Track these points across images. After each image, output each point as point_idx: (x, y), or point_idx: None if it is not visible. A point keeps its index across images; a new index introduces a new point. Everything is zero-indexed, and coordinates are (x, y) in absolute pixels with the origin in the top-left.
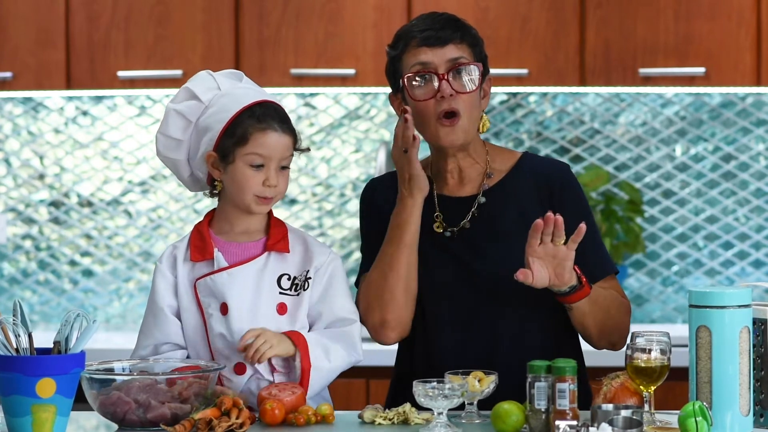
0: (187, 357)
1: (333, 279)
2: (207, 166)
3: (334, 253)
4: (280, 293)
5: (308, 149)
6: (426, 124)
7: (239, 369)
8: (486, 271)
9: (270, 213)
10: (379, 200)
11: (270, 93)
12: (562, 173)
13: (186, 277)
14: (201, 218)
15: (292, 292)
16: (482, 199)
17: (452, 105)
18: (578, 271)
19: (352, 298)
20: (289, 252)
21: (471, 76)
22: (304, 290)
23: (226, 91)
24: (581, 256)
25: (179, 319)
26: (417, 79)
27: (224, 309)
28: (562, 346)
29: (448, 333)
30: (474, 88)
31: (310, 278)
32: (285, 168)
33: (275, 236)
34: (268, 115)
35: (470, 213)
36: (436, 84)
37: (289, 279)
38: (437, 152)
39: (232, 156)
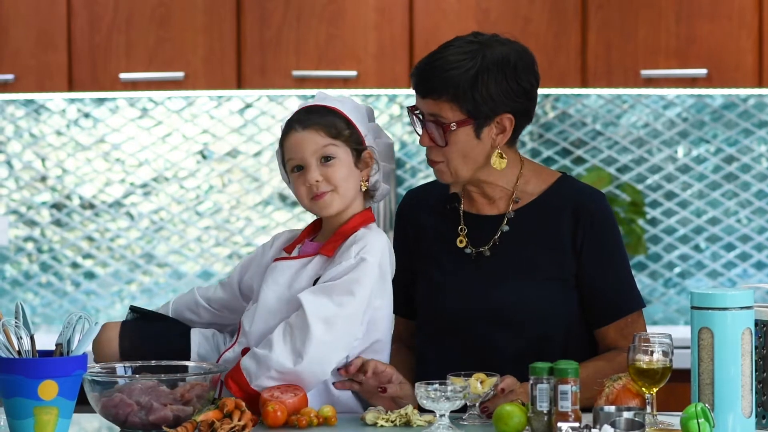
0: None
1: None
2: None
3: (356, 260)
4: None
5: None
6: None
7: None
8: (498, 296)
9: (358, 220)
10: (407, 214)
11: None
12: (591, 203)
13: (271, 258)
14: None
15: None
16: (506, 228)
17: (430, 154)
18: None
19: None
20: (330, 256)
21: (443, 132)
22: None
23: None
24: (605, 290)
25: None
26: (412, 116)
27: (257, 296)
28: None
29: (456, 352)
30: (443, 144)
31: None
32: (329, 159)
33: (333, 238)
34: (294, 118)
35: (492, 241)
36: (420, 129)
37: None
38: None
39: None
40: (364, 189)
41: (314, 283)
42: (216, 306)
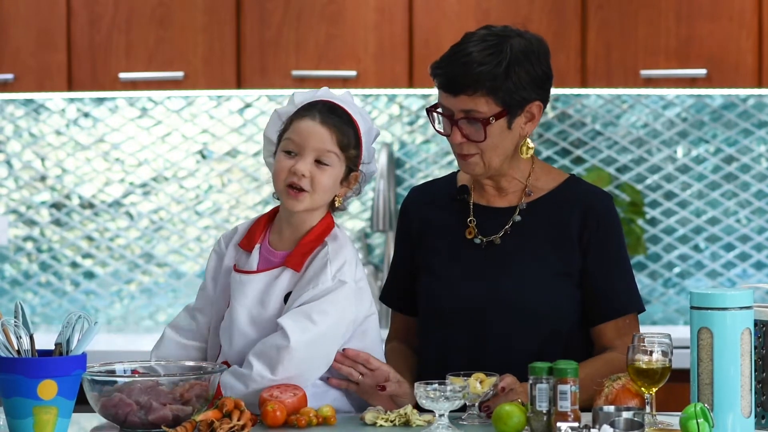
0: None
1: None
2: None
3: (335, 283)
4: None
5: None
6: (452, 151)
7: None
8: (507, 288)
9: (320, 228)
10: (412, 210)
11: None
12: (599, 204)
13: (231, 260)
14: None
15: None
16: (517, 218)
17: (463, 149)
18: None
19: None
20: (299, 271)
21: (481, 126)
22: None
23: (317, 94)
24: (606, 289)
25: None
26: (436, 115)
27: (230, 310)
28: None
29: (460, 347)
30: (482, 139)
31: None
32: (323, 164)
33: (299, 250)
34: (317, 108)
35: (503, 230)
36: (450, 127)
37: None
38: None
39: (279, 145)
40: (337, 204)
41: (285, 298)
42: (203, 339)
